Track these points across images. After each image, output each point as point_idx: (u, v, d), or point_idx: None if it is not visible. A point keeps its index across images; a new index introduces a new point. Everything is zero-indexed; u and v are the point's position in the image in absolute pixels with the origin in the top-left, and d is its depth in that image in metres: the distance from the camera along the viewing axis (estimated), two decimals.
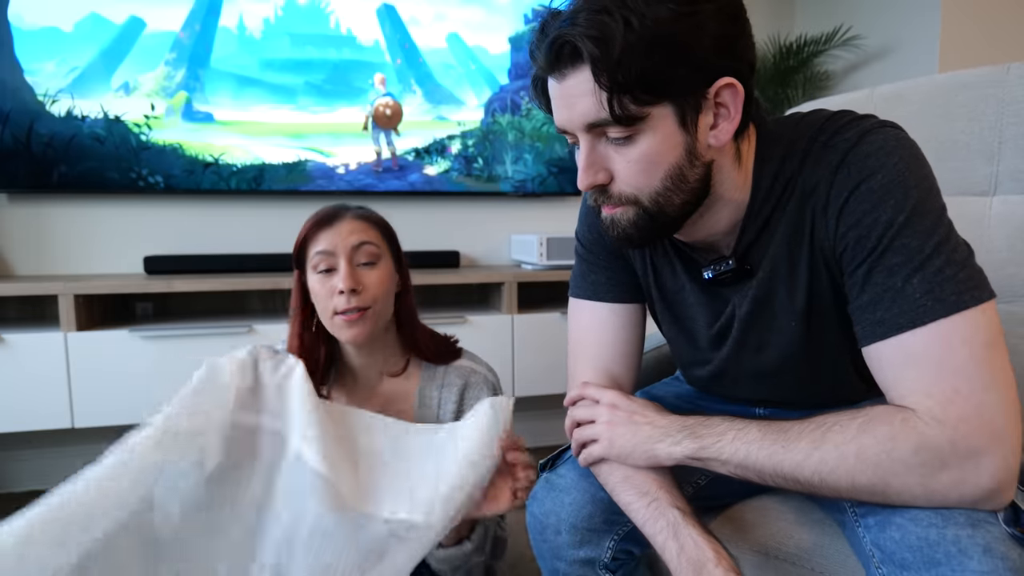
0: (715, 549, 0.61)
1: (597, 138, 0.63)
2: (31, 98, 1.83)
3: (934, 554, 0.53)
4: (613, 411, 0.72)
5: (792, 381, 0.76)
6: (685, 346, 0.82)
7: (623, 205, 0.65)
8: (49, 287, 1.67)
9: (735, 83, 0.59)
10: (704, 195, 0.66)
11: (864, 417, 0.58)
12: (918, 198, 0.58)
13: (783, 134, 0.67)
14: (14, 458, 1.96)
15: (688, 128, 0.60)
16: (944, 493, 0.55)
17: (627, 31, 0.55)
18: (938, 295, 0.56)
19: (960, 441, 0.53)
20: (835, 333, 0.69)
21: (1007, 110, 0.93)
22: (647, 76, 0.57)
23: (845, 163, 0.62)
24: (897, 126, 0.64)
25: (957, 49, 2.03)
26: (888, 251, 0.58)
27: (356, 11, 2.08)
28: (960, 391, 0.54)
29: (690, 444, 0.65)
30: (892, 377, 0.59)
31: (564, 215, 2.43)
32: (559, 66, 0.61)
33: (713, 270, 0.72)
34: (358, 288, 0.91)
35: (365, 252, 0.93)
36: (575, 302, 0.85)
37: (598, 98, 0.59)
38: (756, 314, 0.71)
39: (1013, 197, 0.94)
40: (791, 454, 0.59)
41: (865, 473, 0.56)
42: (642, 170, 0.62)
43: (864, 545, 0.62)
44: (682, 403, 0.91)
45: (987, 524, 0.54)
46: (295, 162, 2.07)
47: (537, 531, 0.77)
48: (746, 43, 0.60)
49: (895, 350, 0.58)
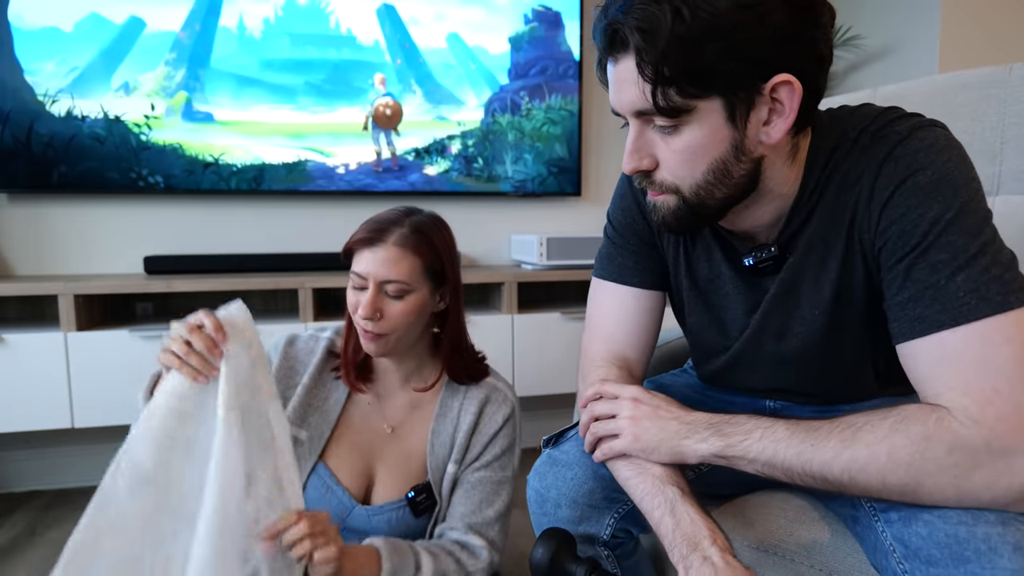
0: (710, 528, 0.61)
1: (645, 124, 0.63)
2: (31, 98, 1.83)
3: (963, 551, 0.53)
4: (637, 405, 0.70)
5: (810, 372, 0.76)
6: (713, 335, 0.81)
7: (665, 193, 0.65)
8: (49, 287, 1.67)
9: (793, 80, 0.57)
10: (750, 189, 0.65)
11: (897, 416, 0.57)
12: (967, 197, 0.58)
13: (835, 127, 0.66)
14: (13, 458, 1.96)
15: (737, 123, 0.59)
16: (976, 494, 0.54)
17: (676, 23, 0.54)
18: (983, 294, 0.55)
19: (996, 441, 0.53)
20: (858, 328, 0.69)
21: (1009, 110, 0.93)
22: (694, 69, 0.56)
23: (892, 156, 0.61)
24: (945, 126, 0.63)
25: (957, 49, 2.03)
26: (933, 247, 0.58)
27: (356, 11, 2.08)
28: (1000, 391, 0.53)
29: (717, 441, 0.64)
30: (928, 374, 0.58)
31: (564, 215, 2.43)
32: (612, 51, 0.61)
33: (754, 257, 0.71)
34: (375, 317, 0.93)
35: (393, 287, 0.93)
36: (598, 283, 0.84)
37: (641, 88, 0.58)
38: (781, 297, 0.71)
39: (1015, 197, 0.94)
40: (820, 453, 0.58)
41: (896, 472, 0.55)
42: (685, 161, 0.62)
43: (883, 540, 0.62)
44: (691, 392, 0.90)
45: (1017, 522, 0.54)
46: (295, 162, 2.07)
47: (537, 504, 0.77)
48: (818, 36, 0.58)
49: (934, 347, 0.57)
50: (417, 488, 1.01)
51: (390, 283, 0.93)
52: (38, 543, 1.63)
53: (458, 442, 1.02)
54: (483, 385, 1.05)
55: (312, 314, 1.84)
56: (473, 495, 1.00)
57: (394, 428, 1.04)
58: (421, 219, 0.98)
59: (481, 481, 1.01)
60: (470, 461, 1.02)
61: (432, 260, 0.96)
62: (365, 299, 0.93)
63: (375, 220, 0.97)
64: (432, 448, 1.02)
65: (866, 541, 0.67)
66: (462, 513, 0.99)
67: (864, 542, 0.68)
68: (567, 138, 2.30)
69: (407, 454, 1.04)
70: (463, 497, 1.01)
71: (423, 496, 1.01)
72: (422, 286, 0.96)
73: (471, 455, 1.02)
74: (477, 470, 1.02)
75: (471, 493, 1.01)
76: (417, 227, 0.96)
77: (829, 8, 0.60)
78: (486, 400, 1.04)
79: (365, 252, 0.94)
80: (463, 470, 1.02)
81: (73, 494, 1.93)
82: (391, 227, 0.95)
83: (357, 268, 0.94)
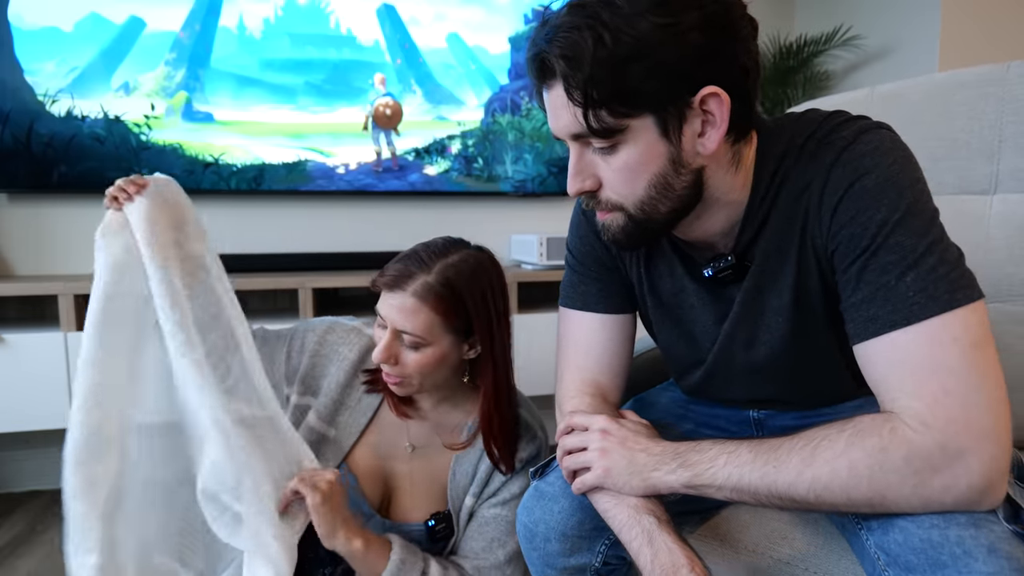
0: (688, 556, 0.61)
1: (584, 146, 0.64)
2: (31, 98, 1.83)
3: (939, 556, 0.53)
4: (605, 437, 0.70)
5: (783, 379, 0.76)
6: (685, 349, 0.82)
7: (611, 211, 0.67)
8: (49, 287, 1.67)
9: (719, 92, 0.58)
10: (695, 201, 0.66)
11: (852, 429, 0.57)
12: (912, 198, 0.59)
13: (781, 133, 0.67)
14: (13, 458, 1.96)
15: (671, 138, 0.60)
16: (939, 498, 0.55)
17: (598, 48, 0.56)
18: (931, 293, 0.56)
19: (949, 443, 0.53)
20: (823, 331, 0.69)
21: (1007, 108, 0.93)
22: (621, 90, 0.57)
23: (840, 161, 0.62)
24: (891, 128, 0.64)
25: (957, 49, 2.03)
26: (882, 249, 0.58)
27: (356, 11, 2.09)
28: (949, 391, 0.54)
29: (684, 472, 0.64)
30: (882, 376, 0.59)
31: (564, 215, 2.41)
32: (543, 79, 0.63)
33: (713, 267, 0.72)
34: (390, 363, 0.89)
35: (408, 338, 0.88)
36: (565, 312, 0.84)
37: (573, 112, 0.60)
38: (747, 306, 0.71)
39: (1013, 196, 0.94)
40: (783, 474, 0.59)
41: (859, 487, 0.56)
42: (625, 179, 0.63)
43: (868, 548, 0.62)
44: (676, 408, 0.91)
45: (989, 523, 0.54)
46: (295, 162, 2.07)
47: (527, 539, 0.77)
48: (738, 49, 0.59)
49: (887, 347, 0.58)
50: (437, 517, 0.99)
51: (405, 334, 0.87)
52: (38, 543, 1.62)
53: (480, 474, 0.98)
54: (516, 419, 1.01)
55: (312, 314, 1.84)
56: (485, 532, 0.97)
57: (415, 447, 1.02)
58: (454, 266, 0.88)
59: (496, 519, 0.97)
60: (488, 495, 0.98)
61: (454, 317, 0.88)
62: (381, 343, 0.88)
63: (404, 259, 0.90)
64: (454, 476, 0.99)
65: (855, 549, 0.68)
66: (473, 550, 0.96)
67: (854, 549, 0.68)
68: None
69: (430, 476, 1.01)
70: (475, 532, 0.97)
71: (443, 525, 0.99)
72: (441, 339, 0.89)
73: (490, 489, 0.98)
74: (493, 506, 0.97)
75: (483, 530, 0.97)
76: (444, 278, 0.87)
77: (750, 20, 0.60)
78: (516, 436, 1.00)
79: (386, 295, 0.88)
80: (480, 504, 0.98)
81: None
82: (416, 273, 0.87)
83: (379, 307, 0.89)
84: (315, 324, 1.06)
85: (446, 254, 0.90)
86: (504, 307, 0.95)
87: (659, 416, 0.89)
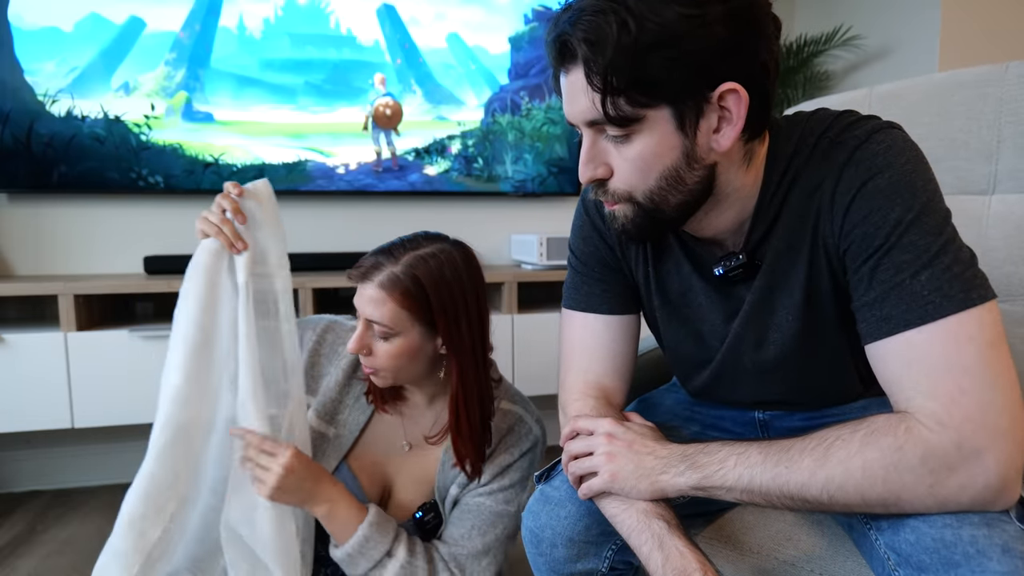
0: (699, 560, 0.60)
1: (598, 134, 0.64)
2: (31, 98, 1.83)
3: (952, 555, 0.53)
4: (611, 441, 0.69)
5: (791, 380, 0.76)
6: (692, 348, 0.81)
7: (620, 202, 0.66)
8: (49, 287, 1.67)
9: (738, 88, 0.58)
10: (705, 196, 0.65)
11: (866, 429, 0.57)
12: (926, 198, 0.59)
13: (792, 132, 0.66)
14: (14, 458, 1.96)
15: (686, 131, 0.60)
16: (955, 498, 0.55)
17: (622, 34, 0.55)
18: (946, 292, 0.56)
19: (965, 442, 0.53)
20: (833, 331, 0.69)
21: (1005, 109, 0.93)
22: (641, 79, 0.57)
23: (852, 160, 0.62)
24: (902, 128, 0.64)
25: (957, 48, 2.03)
26: (896, 248, 0.58)
27: (356, 11, 2.09)
28: (965, 390, 0.54)
29: (693, 474, 0.63)
30: (897, 375, 0.58)
31: (564, 215, 2.42)
32: (562, 62, 0.62)
33: (724, 266, 0.71)
34: (363, 353, 0.91)
35: (378, 328, 0.89)
36: (568, 313, 0.84)
37: (591, 98, 0.59)
38: (758, 305, 0.71)
39: (1011, 196, 0.94)
40: (796, 474, 0.58)
41: (875, 488, 0.55)
42: (638, 169, 0.63)
43: (878, 548, 0.62)
44: (681, 409, 0.90)
45: (1002, 523, 0.54)
46: (295, 162, 2.07)
47: (533, 544, 0.76)
48: (761, 46, 0.59)
49: (902, 347, 0.57)
50: (424, 507, 0.98)
51: (375, 324, 0.88)
52: (38, 543, 1.63)
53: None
54: (509, 415, 1.01)
55: (312, 314, 1.84)
56: (465, 519, 0.96)
57: (412, 446, 1.02)
58: (422, 258, 0.88)
59: (479, 507, 0.96)
60: (476, 485, 0.97)
61: (416, 310, 0.87)
62: (355, 333, 0.90)
63: (377, 251, 0.91)
64: (443, 467, 0.99)
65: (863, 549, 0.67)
66: (452, 537, 0.95)
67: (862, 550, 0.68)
68: (567, 138, 2.31)
69: (424, 472, 1.01)
70: (456, 519, 0.97)
71: (431, 516, 0.98)
72: (410, 330, 0.89)
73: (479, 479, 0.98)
74: (480, 495, 0.97)
75: (464, 517, 0.96)
76: (410, 270, 0.87)
77: (774, 19, 0.60)
78: (508, 430, 1.00)
79: (358, 286, 0.90)
80: (465, 492, 0.98)
81: (73, 494, 1.93)
82: (384, 264, 0.88)
83: (354, 299, 0.91)
84: (313, 321, 1.06)
85: (417, 247, 0.90)
86: (477, 304, 0.93)
87: (664, 418, 0.88)
